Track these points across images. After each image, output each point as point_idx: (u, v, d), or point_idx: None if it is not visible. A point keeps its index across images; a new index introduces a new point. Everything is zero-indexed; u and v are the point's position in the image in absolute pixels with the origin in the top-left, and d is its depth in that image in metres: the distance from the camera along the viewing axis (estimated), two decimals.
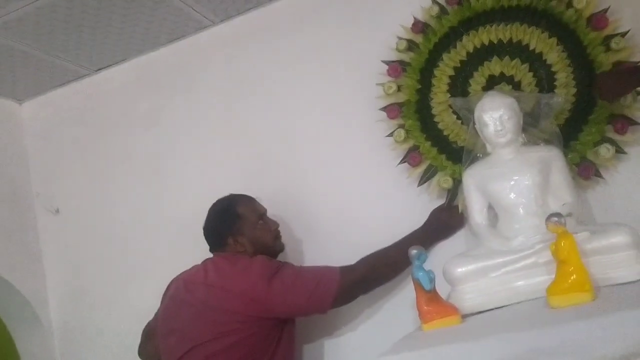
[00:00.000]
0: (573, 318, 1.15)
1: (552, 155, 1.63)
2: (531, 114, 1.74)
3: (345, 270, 1.86)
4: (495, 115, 1.61)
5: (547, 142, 1.69)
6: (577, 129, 1.84)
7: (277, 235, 2.02)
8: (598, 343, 1.06)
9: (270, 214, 2.05)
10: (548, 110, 1.74)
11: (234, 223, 1.94)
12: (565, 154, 1.72)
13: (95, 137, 2.64)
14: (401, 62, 2.04)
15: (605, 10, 1.82)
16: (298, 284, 1.82)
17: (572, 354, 1.07)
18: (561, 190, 1.60)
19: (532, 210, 1.55)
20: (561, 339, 1.10)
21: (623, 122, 1.79)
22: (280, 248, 2.03)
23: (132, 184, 2.51)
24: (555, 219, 1.30)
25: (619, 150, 1.80)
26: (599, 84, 1.72)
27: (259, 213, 2.00)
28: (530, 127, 1.72)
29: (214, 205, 2.01)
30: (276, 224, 2.02)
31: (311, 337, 2.10)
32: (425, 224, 1.96)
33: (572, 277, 1.26)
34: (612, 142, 1.80)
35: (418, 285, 1.47)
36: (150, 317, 2.07)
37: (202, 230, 2.00)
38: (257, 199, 2.03)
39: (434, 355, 1.21)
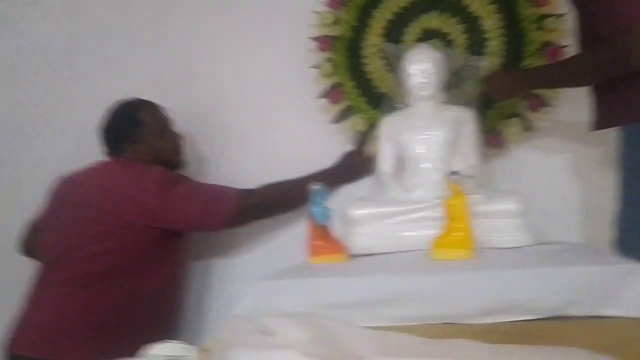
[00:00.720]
0: (448, 270, 1.21)
1: (467, 117, 1.66)
2: (456, 74, 1.76)
3: (246, 192, 1.82)
4: (421, 67, 1.61)
5: (466, 103, 1.71)
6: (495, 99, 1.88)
7: (178, 149, 1.93)
8: (465, 295, 1.13)
9: (179, 128, 1.95)
10: (473, 73, 1.77)
11: (134, 129, 1.83)
12: (479, 120, 1.75)
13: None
14: None
15: None
16: (194, 197, 1.76)
17: (440, 301, 1.13)
18: (468, 152, 1.65)
19: (437, 166, 1.58)
20: (433, 287, 1.16)
21: (537, 101, 1.86)
22: (181, 163, 1.94)
23: (44, 75, 2.28)
24: (455, 177, 1.34)
25: (528, 127, 1.87)
26: (491, 82, 1.71)
27: (163, 122, 1.89)
28: (452, 86, 1.73)
29: (115, 107, 1.86)
30: (179, 137, 1.93)
31: (203, 254, 2.06)
32: (334, 164, 1.96)
33: (457, 234, 1.32)
34: (523, 117, 1.86)
35: (312, 219, 1.48)
36: None
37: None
38: (167, 109, 1.92)
39: (311, 286, 1.24)
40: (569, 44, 1.82)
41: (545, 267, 1.16)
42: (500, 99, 1.76)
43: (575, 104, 1.80)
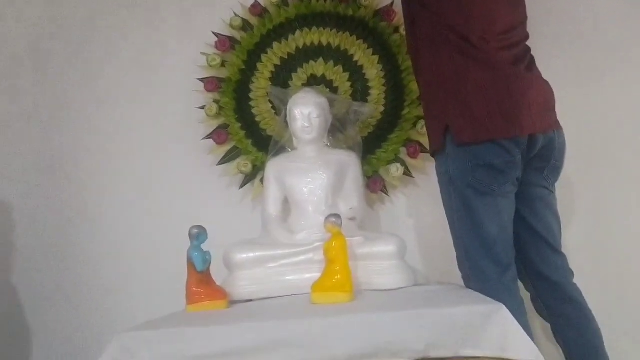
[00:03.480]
0: (321, 315, 1.20)
1: (350, 161, 1.70)
2: (340, 119, 1.80)
3: None
4: (305, 111, 1.63)
5: (349, 148, 1.76)
6: (377, 145, 1.95)
7: None
8: (334, 340, 1.12)
9: None
10: (356, 118, 1.82)
11: None
12: (362, 165, 1.80)
13: None
14: (232, 39, 1.98)
15: None
16: None
17: (310, 347, 1.11)
18: (351, 195, 1.68)
19: (320, 209, 1.59)
20: (303, 333, 1.14)
21: (416, 147, 1.94)
22: None
23: None
24: (333, 219, 1.35)
25: (407, 173, 1.94)
26: None
27: None
28: (337, 131, 1.77)
29: None
30: None
31: None
32: None
33: (336, 277, 1.32)
34: (402, 163, 1.94)
35: (191, 265, 1.42)
36: None
37: None
38: None
39: (177, 336, 1.17)
40: None
41: (410, 309, 1.18)
42: None
43: None
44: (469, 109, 1.41)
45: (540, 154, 1.48)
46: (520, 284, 1.56)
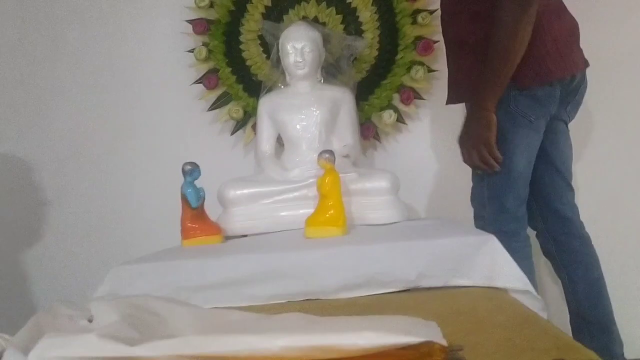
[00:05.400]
0: (313, 247, 1.20)
1: (344, 98, 1.67)
2: (334, 54, 1.77)
3: None
4: (298, 45, 1.60)
5: (343, 84, 1.73)
6: (369, 91, 1.93)
7: None
8: (326, 271, 1.13)
9: None
10: (350, 53, 1.79)
11: None
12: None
13: None
14: None
15: None
16: None
17: (302, 278, 1.12)
18: (345, 131, 1.66)
19: (314, 146, 1.58)
20: (294, 264, 1.15)
21: (409, 93, 1.92)
22: None
23: None
24: (327, 155, 1.34)
25: (400, 120, 1.93)
26: (463, 148, 1.51)
27: None
28: (331, 66, 1.74)
29: None
30: None
31: None
32: None
33: (329, 212, 1.32)
34: (395, 109, 1.92)
35: (185, 201, 1.42)
36: None
37: None
38: None
39: (171, 268, 1.18)
40: (440, 39, 1.91)
41: (401, 241, 1.19)
42: (480, 152, 1.47)
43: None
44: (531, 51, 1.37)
45: (572, 89, 1.49)
46: None
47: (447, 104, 1.61)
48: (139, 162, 2.01)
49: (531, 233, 1.62)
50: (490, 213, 1.49)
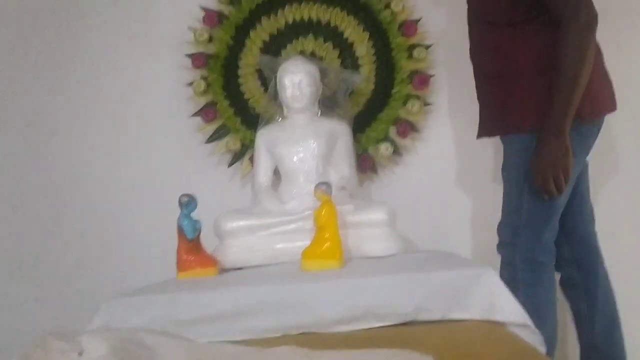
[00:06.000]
0: (310, 280, 1.20)
1: (341, 130, 1.69)
2: (331, 87, 1.80)
3: None
4: (295, 79, 1.62)
5: (340, 117, 1.75)
6: (366, 124, 1.94)
7: None
8: (324, 304, 1.13)
9: None
10: (347, 87, 1.81)
11: None
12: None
13: None
14: (220, 14, 1.96)
15: (417, 21, 1.95)
16: None
17: (299, 311, 1.11)
18: (342, 164, 1.67)
19: (311, 178, 1.58)
20: (292, 297, 1.14)
21: (406, 126, 1.94)
22: None
23: None
24: (323, 187, 1.35)
25: (397, 152, 1.95)
26: (540, 176, 1.48)
27: None
28: (328, 100, 1.76)
29: None
30: None
31: None
32: None
33: (326, 244, 1.32)
34: (392, 142, 1.94)
35: (181, 232, 1.42)
36: None
37: None
38: None
39: (166, 301, 1.17)
40: (435, 73, 1.95)
41: (398, 274, 1.18)
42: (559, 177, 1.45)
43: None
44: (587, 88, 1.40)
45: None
46: None
47: (477, 137, 1.64)
48: (136, 193, 2.00)
49: None
50: (525, 242, 1.48)
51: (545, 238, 1.49)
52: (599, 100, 1.47)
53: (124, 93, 2.04)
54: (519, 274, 1.47)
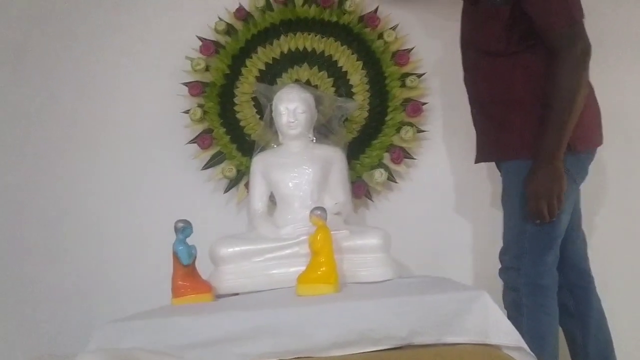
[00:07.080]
0: (305, 304, 1.20)
1: (336, 156, 1.71)
2: (325, 115, 1.82)
3: None
4: (291, 106, 1.64)
5: (335, 144, 1.77)
6: (360, 151, 1.97)
7: None
8: (318, 328, 1.13)
9: None
10: (341, 114, 1.84)
11: None
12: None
13: None
14: (216, 43, 2.00)
15: (410, 50, 1.99)
16: None
17: (293, 336, 1.11)
18: (337, 189, 1.69)
19: (306, 204, 1.59)
20: (286, 322, 1.14)
21: (399, 153, 1.96)
22: None
23: None
24: (318, 212, 1.36)
25: (390, 179, 1.97)
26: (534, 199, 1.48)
27: None
28: (323, 127, 1.79)
29: None
30: None
31: None
32: None
33: (321, 269, 1.32)
34: (386, 168, 1.96)
35: (177, 258, 1.42)
36: None
37: None
38: None
39: (159, 326, 1.17)
40: (428, 101, 1.98)
41: (392, 297, 1.19)
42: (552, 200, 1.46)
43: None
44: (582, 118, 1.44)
45: None
46: None
47: (475, 162, 1.67)
48: (132, 219, 2.01)
49: None
50: (528, 266, 1.49)
51: (549, 262, 1.50)
52: (595, 129, 1.53)
53: (121, 120, 2.07)
54: (523, 299, 1.48)
